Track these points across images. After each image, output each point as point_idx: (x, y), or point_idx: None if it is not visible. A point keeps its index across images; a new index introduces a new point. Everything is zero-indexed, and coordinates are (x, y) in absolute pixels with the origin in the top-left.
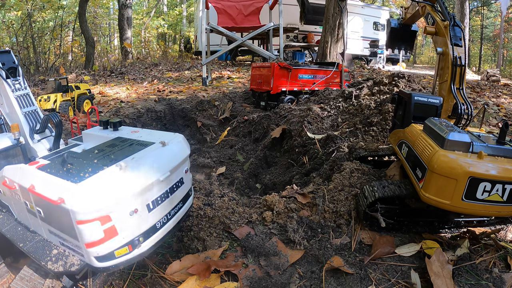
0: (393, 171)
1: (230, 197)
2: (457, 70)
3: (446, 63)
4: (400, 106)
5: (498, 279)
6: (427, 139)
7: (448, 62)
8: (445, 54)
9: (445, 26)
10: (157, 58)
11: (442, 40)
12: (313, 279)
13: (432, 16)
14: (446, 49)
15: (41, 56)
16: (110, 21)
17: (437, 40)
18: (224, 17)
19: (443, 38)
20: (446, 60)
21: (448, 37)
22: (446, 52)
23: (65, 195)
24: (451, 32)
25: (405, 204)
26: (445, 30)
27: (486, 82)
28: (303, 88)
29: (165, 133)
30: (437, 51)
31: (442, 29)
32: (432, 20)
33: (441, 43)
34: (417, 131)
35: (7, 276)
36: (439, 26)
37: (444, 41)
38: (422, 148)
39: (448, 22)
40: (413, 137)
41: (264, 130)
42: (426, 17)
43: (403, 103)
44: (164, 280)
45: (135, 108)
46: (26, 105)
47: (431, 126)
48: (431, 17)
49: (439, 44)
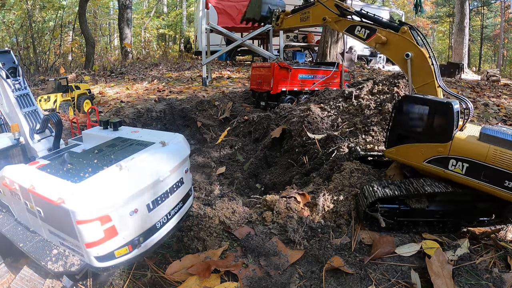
0: (393, 171)
1: (230, 197)
2: (434, 67)
3: (422, 64)
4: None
5: (498, 279)
6: (508, 152)
7: (424, 62)
8: (417, 56)
9: (405, 31)
10: (157, 58)
11: (405, 44)
12: (313, 279)
13: (371, 28)
14: (417, 51)
15: (41, 56)
16: (110, 21)
17: (394, 46)
18: (224, 17)
19: (407, 42)
20: (421, 60)
21: (413, 38)
22: (419, 53)
23: (65, 195)
24: (413, 33)
25: (406, 204)
26: (408, 34)
27: (486, 82)
28: (303, 88)
29: (165, 133)
30: (408, 56)
31: (398, 36)
32: (368, 31)
33: (403, 48)
34: (480, 144)
35: (7, 276)
36: (391, 34)
37: (409, 44)
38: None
39: (407, 27)
40: (479, 151)
41: (264, 130)
42: (351, 31)
43: (432, 114)
44: (164, 280)
45: (135, 108)
46: (26, 105)
47: (498, 136)
48: (365, 29)
49: (400, 50)
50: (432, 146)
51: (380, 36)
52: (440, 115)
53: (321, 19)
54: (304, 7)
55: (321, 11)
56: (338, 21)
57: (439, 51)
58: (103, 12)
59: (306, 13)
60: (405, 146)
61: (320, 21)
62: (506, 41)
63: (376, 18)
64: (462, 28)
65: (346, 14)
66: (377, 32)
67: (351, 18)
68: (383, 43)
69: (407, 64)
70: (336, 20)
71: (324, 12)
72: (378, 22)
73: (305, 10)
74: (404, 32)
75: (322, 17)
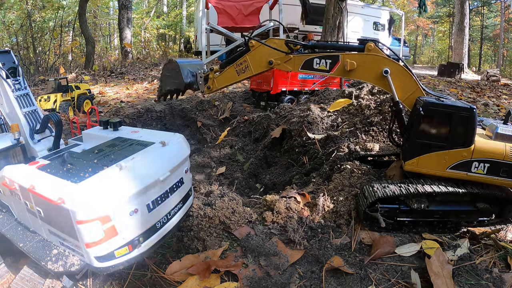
0: (393, 171)
1: (230, 197)
2: (412, 73)
3: (403, 74)
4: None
5: (498, 279)
6: None
7: (403, 71)
8: (395, 68)
9: (372, 48)
10: (157, 58)
11: (378, 62)
12: (313, 279)
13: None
14: (392, 64)
15: (41, 56)
16: (110, 21)
17: (365, 68)
18: (224, 17)
19: (379, 59)
20: (401, 71)
21: (382, 52)
22: (395, 65)
23: (65, 195)
24: (379, 47)
25: (406, 204)
26: (376, 50)
27: (486, 82)
28: (303, 88)
29: (165, 133)
30: (387, 72)
31: (366, 55)
32: (330, 60)
33: (377, 66)
34: (497, 144)
35: (7, 276)
36: (358, 56)
37: (382, 60)
38: None
39: (372, 43)
40: (498, 150)
41: (264, 130)
42: (309, 66)
43: (456, 119)
44: (164, 280)
45: (135, 108)
46: (26, 105)
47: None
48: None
49: (373, 69)
50: (457, 152)
51: (347, 62)
52: (464, 120)
53: (266, 64)
54: (237, 57)
55: (263, 55)
56: (289, 60)
57: (439, 51)
58: (103, 12)
59: (242, 63)
60: (427, 155)
61: (266, 67)
62: (506, 41)
63: (333, 44)
64: (462, 28)
65: (295, 50)
66: (340, 58)
67: (301, 52)
68: (351, 69)
69: (387, 80)
70: (286, 60)
71: (267, 55)
72: (337, 48)
73: (240, 60)
74: (371, 50)
75: (267, 62)
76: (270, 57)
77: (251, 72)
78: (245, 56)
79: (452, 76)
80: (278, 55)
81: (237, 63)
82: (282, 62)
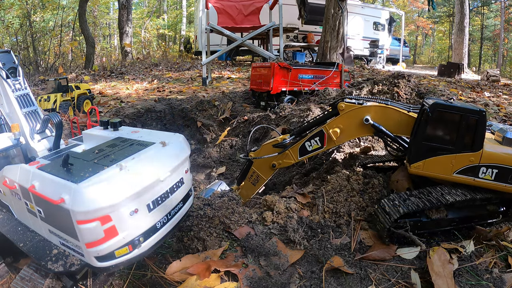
0: (399, 176)
1: (230, 197)
2: (390, 103)
3: (384, 113)
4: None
5: (499, 279)
6: None
7: (383, 110)
8: (374, 113)
9: (343, 107)
10: (157, 58)
11: (354, 116)
12: (313, 279)
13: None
14: (369, 110)
15: (41, 56)
16: (110, 21)
17: (347, 127)
18: (224, 17)
19: (354, 112)
20: (381, 112)
21: (354, 104)
22: (372, 109)
23: (65, 195)
24: (348, 101)
25: (426, 216)
26: (348, 106)
27: (486, 82)
28: (303, 88)
29: (165, 133)
30: (367, 120)
31: (341, 116)
32: (317, 137)
33: (355, 120)
34: (506, 149)
35: (7, 276)
36: (337, 119)
37: (358, 111)
38: None
39: (340, 101)
40: (507, 156)
41: (264, 130)
42: (304, 152)
43: (466, 122)
44: (164, 280)
45: (135, 108)
46: (26, 105)
47: None
48: (313, 139)
49: (353, 124)
50: (464, 156)
51: (332, 131)
52: (474, 123)
53: (270, 169)
54: (242, 173)
55: (265, 162)
56: (286, 156)
57: (439, 51)
58: (103, 12)
59: (252, 175)
60: (433, 159)
61: (271, 172)
62: (506, 41)
63: (310, 122)
64: (462, 28)
65: (286, 145)
66: (324, 131)
67: (291, 142)
68: (337, 136)
69: (374, 126)
70: (285, 157)
71: (265, 161)
72: (315, 123)
73: (250, 172)
74: (343, 109)
75: (269, 166)
76: (271, 162)
77: (262, 181)
78: (251, 168)
79: (452, 76)
80: (277, 157)
81: (249, 176)
82: (283, 159)
